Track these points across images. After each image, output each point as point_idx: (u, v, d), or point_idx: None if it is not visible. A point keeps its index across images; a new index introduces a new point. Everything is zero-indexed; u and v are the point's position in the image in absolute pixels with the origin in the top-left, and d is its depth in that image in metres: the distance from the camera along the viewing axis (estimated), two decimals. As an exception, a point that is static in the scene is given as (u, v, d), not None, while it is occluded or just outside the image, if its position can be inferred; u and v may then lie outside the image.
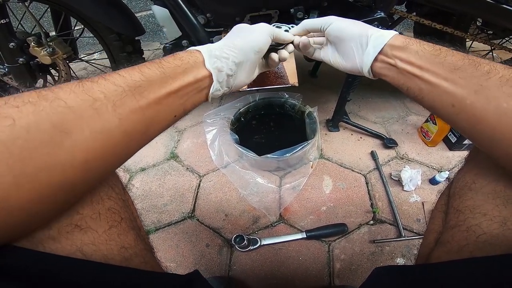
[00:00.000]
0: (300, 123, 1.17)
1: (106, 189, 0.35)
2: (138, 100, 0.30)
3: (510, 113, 0.28)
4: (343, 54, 0.47)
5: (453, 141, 1.12)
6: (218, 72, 0.39)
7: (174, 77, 0.34)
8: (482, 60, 0.32)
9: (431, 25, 1.00)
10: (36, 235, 0.27)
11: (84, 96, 0.26)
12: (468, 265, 0.31)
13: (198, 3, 0.89)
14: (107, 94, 0.27)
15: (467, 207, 0.37)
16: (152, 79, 0.31)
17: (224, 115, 1.17)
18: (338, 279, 0.80)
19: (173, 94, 0.34)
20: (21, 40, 1.08)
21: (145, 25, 2.15)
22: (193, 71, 0.36)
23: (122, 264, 0.32)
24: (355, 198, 1.00)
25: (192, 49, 0.39)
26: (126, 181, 1.11)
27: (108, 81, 0.28)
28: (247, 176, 1.07)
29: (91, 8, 1.01)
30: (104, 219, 0.32)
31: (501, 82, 0.29)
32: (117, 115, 0.28)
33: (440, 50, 0.35)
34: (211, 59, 0.38)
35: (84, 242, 0.30)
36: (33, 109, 0.23)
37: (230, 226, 0.94)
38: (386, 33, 0.40)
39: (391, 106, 1.39)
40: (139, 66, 0.32)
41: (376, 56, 0.41)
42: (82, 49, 2.11)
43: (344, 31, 0.45)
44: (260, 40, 0.44)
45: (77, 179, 0.26)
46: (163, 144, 1.26)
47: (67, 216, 0.29)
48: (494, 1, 0.86)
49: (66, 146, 0.24)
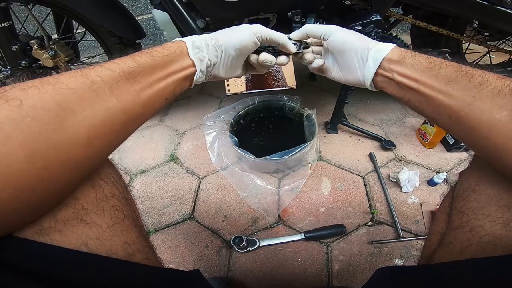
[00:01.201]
0: (299, 125, 1.18)
1: (110, 187, 0.36)
2: (132, 84, 0.33)
3: (501, 124, 0.29)
4: (343, 66, 0.47)
5: (451, 142, 1.13)
6: (200, 61, 0.42)
7: (163, 65, 0.37)
8: (474, 71, 0.33)
9: (427, 27, 1.01)
10: (43, 226, 0.28)
11: (83, 79, 0.29)
12: (470, 266, 0.31)
13: (197, 7, 0.91)
14: (103, 78, 0.30)
15: (470, 208, 0.37)
16: (144, 66, 0.34)
17: (224, 117, 1.18)
18: (337, 280, 0.80)
19: (163, 79, 0.37)
20: (24, 43, 1.10)
21: (145, 28, 2.16)
22: (179, 60, 0.40)
23: (126, 259, 0.33)
24: (353, 199, 1.00)
25: (179, 39, 0.42)
26: (127, 182, 1.11)
27: (104, 67, 0.31)
28: (246, 178, 1.08)
29: (92, 12, 1.03)
30: (108, 215, 0.34)
31: (493, 93, 0.30)
32: (114, 95, 0.30)
33: (434, 62, 0.36)
34: (194, 50, 0.41)
35: (89, 236, 0.31)
36: (38, 91, 0.25)
37: (229, 227, 0.94)
38: (384, 47, 0.41)
39: (389, 108, 1.40)
40: (131, 55, 0.35)
41: (376, 70, 0.42)
42: (83, 52, 2.12)
43: (346, 44, 0.45)
44: (241, 39, 0.45)
45: (80, 156, 0.28)
46: (163, 146, 1.27)
47: (73, 210, 0.30)
48: (488, 3, 0.87)
49: (70, 123, 0.26)
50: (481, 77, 0.32)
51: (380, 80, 0.42)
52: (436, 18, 1.10)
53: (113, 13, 1.08)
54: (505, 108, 0.29)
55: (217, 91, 1.62)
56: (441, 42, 1.22)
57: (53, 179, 0.26)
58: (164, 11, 0.93)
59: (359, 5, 0.91)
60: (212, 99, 1.57)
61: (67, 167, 0.27)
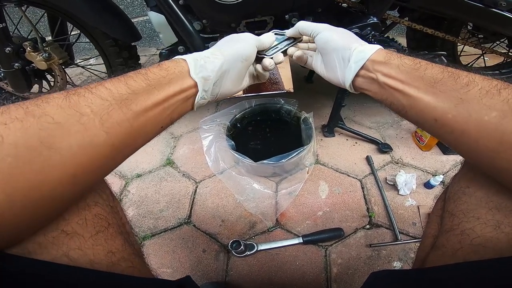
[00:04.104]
0: (296, 128, 1.17)
1: (93, 196, 0.35)
2: (125, 113, 0.30)
3: (490, 125, 0.28)
4: (327, 65, 0.47)
5: (446, 145, 1.14)
6: (204, 81, 0.39)
7: (160, 88, 0.34)
8: (461, 72, 0.32)
9: (423, 30, 1.02)
10: (23, 241, 0.27)
11: (71, 111, 0.26)
12: (461, 269, 0.31)
13: (194, 9, 0.90)
14: (93, 109, 0.27)
15: (461, 211, 0.37)
16: (138, 91, 0.31)
17: (220, 121, 1.17)
18: (336, 283, 0.80)
19: (160, 105, 0.34)
20: (17, 45, 1.08)
21: (141, 30, 2.15)
22: (178, 81, 0.36)
23: (109, 268, 0.32)
24: (351, 202, 1.00)
25: (178, 58, 0.39)
26: (122, 187, 1.10)
27: (94, 95, 0.28)
28: (243, 182, 1.07)
29: (87, 14, 1.01)
30: (91, 224, 0.33)
31: (481, 94, 0.29)
32: (104, 129, 0.28)
33: (420, 63, 0.35)
34: (196, 69, 0.38)
35: (71, 247, 0.30)
36: (21, 126, 0.23)
37: (226, 231, 0.93)
38: (368, 48, 0.40)
39: (385, 111, 1.41)
40: (124, 78, 0.32)
41: (358, 71, 0.41)
42: (78, 54, 2.10)
43: (329, 43, 0.44)
44: (246, 49, 0.45)
45: (65, 193, 0.27)
46: (159, 150, 1.26)
47: (53, 223, 0.29)
48: (483, 5, 0.88)
49: (55, 162, 0.24)
50: (468, 77, 0.31)
51: (362, 81, 0.41)
52: (432, 20, 1.11)
53: (108, 15, 1.07)
54: (493, 108, 0.28)
55: (213, 93, 1.61)
56: (436, 44, 1.23)
57: (36, 215, 0.25)
58: (160, 14, 0.93)
59: (356, 8, 0.92)
60: (208, 102, 1.55)
61: (50, 205, 0.26)
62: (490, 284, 0.27)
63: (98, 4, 1.03)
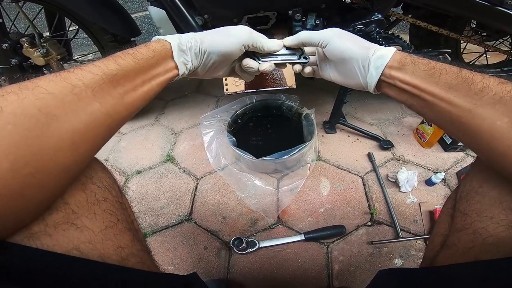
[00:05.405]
0: (297, 125, 1.17)
1: (102, 192, 0.36)
2: (115, 87, 0.32)
3: (503, 130, 0.30)
4: (344, 73, 0.46)
5: (448, 142, 1.13)
6: (184, 65, 0.43)
7: (147, 67, 0.37)
8: (475, 76, 0.33)
9: (427, 27, 1.01)
10: (33, 230, 0.28)
11: (63, 84, 0.28)
12: (472, 268, 0.31)
13: (196, 4, 0.89)
14: (85, 82, 0.29)
15: (474, 210, 0.37)
16: (127, 69, 0.34)
17: (221, 117, 1.16)
18: (337, 280, 0.80)
19: (147, 82, 0.37)
20: (14, 41, 1.07)
21: (140, 26, 2.12)
22: (163, 62, 0.40)
23: (119, 263, 0.33)
24: (352, 199, 1.00)
25: (164, 39, 0.41)
26: (122, 184, 1.09)
27: (85, 70, 0.30)
28: (245, 178, 1.06)
29: (85, 9, 1.00)
30: (100, 219, 0.33)
31: (494, 100, 0.30)
32: (97, 99, 0.30)
33: (435, 68, 0.36)
34: (179, 53, 0.41)
35: (81, 240, 0.30)
36: (17, 97, 0.25)
37: (228, 228, 0.93)
38: (385, 53, 0.40)
39: (387, 108, 1.40)
40: (113, 57, 0.34)
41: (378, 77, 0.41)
42: (76, 50, 2.08)
43: (345, 53, 0.44)
44: (227, 46, 0.44)
45: (67, 161, 0.28)
46: (159, 146, 1.25)
47: (63, 214, 0.30)
48: (489, 3, 0.87)
49: (53, 129, 0.26)
50: (482, 83, 0.32)
51: (383, 85, 0.42)
52: (436, 18, 1.10)
53: (107, 10, 1.05)
54: (506, 115, 0.29)
55: (214, 90, 1.60)
56: (439, 42, 1.22)
57: (40, 185, 0.26)
58: (161, 8, 0.91)
59: (360, 4, 0.91)
60: (209, 98, 1.55)
61: (53, 173, 0.27)
62: (502, 283, 0.27)
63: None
